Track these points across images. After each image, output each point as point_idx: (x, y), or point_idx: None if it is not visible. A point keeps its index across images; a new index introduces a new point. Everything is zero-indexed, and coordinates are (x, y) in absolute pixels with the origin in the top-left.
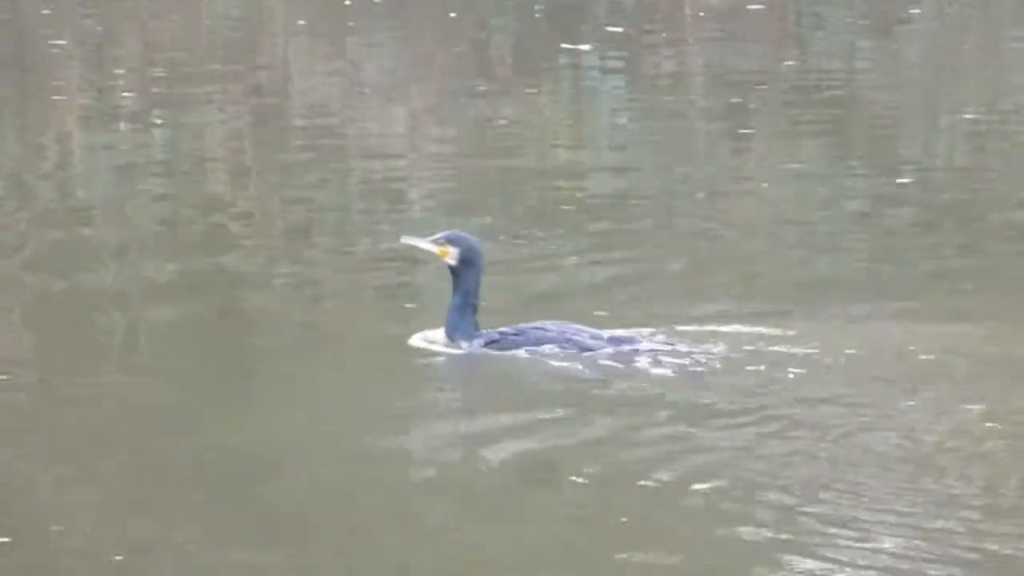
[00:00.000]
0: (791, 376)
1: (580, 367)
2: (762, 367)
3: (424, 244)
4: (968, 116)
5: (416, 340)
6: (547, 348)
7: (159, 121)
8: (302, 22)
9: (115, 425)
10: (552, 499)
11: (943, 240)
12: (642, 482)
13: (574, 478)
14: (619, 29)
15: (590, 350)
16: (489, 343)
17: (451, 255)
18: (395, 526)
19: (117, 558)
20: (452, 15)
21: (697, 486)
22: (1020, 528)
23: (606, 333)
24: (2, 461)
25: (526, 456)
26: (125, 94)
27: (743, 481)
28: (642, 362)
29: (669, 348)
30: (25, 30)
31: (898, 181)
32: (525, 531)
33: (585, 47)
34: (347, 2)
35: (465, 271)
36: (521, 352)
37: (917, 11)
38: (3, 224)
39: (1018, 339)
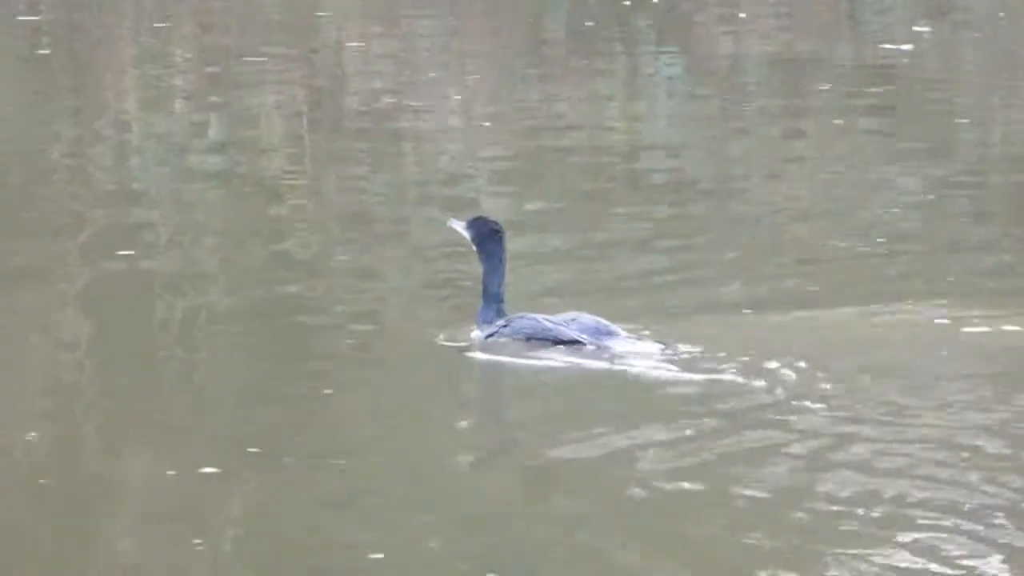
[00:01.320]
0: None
1: (551, 361)
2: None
3: (458, 227)
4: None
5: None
6: (527, 341)
7: (215, 100)
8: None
9: (169, 409)
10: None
11: (1001, 230)
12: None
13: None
14: (673, 8)
15: (564, 343)
16: (489, 335)
17: (468, 237)
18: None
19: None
20: None
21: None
22: None
23: (606, 327)
24: (71, 437)
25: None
26: (181, 74)
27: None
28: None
29: (645, 346)
30: (83, 10)
31: (954, 166)
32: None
33: (640, 25)
34: None
35: (480, 255)
36: (512, 344)
37: None
38: (59, 206)
39: None
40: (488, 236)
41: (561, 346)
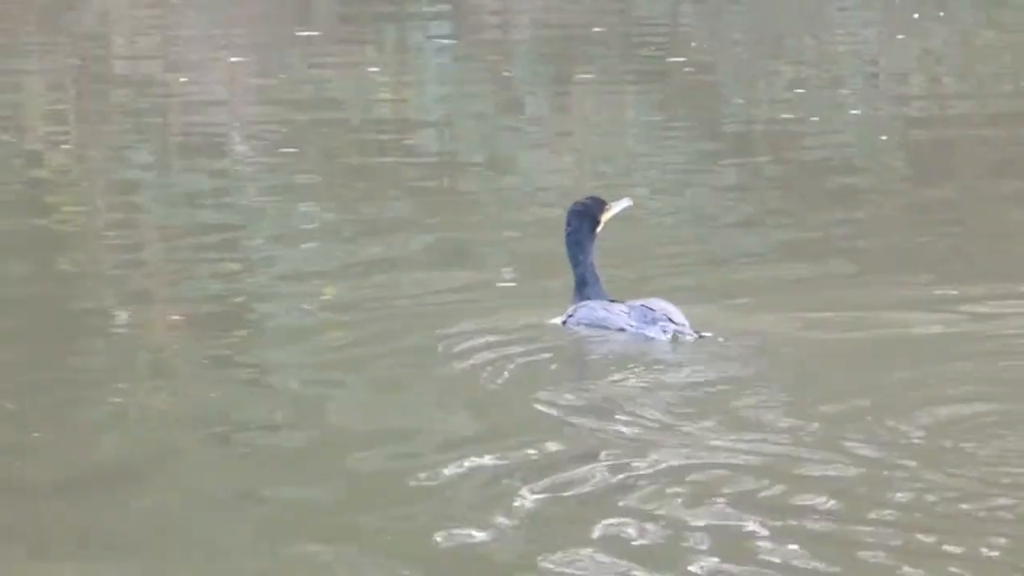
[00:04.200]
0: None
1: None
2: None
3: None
4: (789, 71)
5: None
6: (590, 328)
7: None
8: None
9: None
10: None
11: (767, 207)
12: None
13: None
14: None
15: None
16: (564, 321)
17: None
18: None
19: None
20: None
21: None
22: None
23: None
24: None
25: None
26: None
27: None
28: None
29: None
30: None
31: (720, 133)
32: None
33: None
34: None
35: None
36: (580, 330)
37: None
38: None
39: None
40: (565, 222)
41: (621, 333)
